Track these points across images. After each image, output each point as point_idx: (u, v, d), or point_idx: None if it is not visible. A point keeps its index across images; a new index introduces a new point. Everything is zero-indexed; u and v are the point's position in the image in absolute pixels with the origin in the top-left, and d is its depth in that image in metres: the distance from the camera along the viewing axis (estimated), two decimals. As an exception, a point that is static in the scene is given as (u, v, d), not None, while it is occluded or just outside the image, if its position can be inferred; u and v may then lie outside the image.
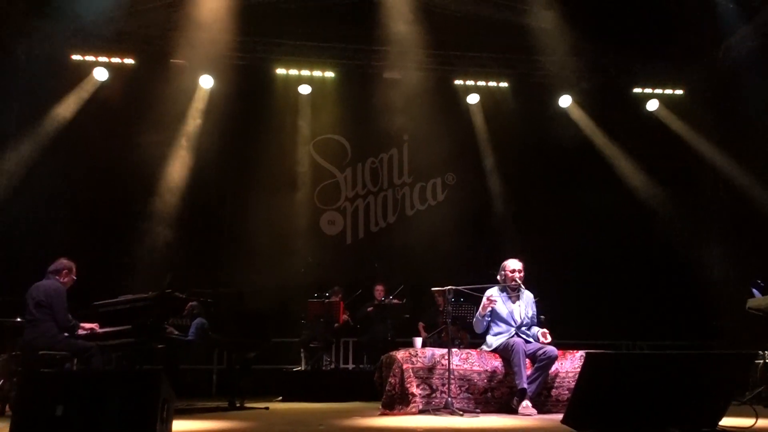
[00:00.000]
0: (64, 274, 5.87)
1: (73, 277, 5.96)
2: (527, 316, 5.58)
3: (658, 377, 3.25)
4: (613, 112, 11.38)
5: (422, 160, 11.21)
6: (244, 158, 10.51)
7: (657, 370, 3.28)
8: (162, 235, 9.63)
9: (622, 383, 3.24)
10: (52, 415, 2.97)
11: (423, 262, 10.22)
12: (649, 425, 3.25)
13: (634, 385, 3.25)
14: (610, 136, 11.24)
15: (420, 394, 5.24)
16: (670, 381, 3.26)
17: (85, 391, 3.07)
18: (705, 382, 3.31)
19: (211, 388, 9.69)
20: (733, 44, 10.55)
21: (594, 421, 3.30)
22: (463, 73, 11.18)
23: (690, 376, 3.28)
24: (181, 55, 10.07)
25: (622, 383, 3.24)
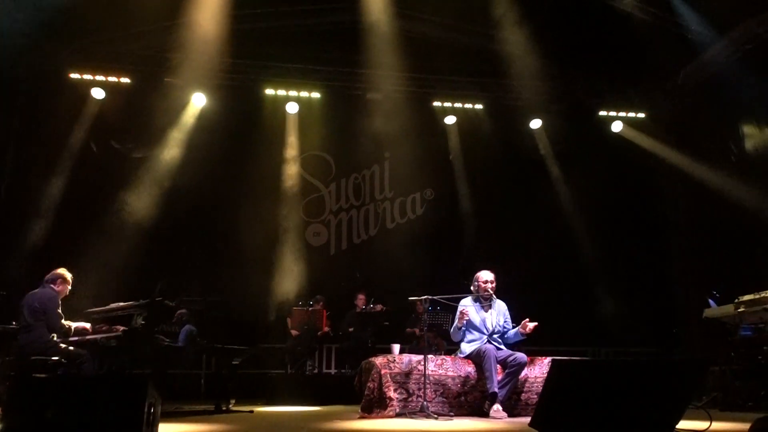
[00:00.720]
0: (58, 283, 5.80)
1: (67, 286, 5.89)
2: (499, 324, 5.60)
3: (619, 383, 3.26)
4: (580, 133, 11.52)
5: (402, 176, 11.23)
6: (235, 173, 10.46)
7: (618, 376, 3.29)
8: (153, 245, 9.53)
9: (586, 388, 3.24)
10: (42, 418, 2.91)
11: (402, 273, 10.22)
12: (610, 428, 3.25)
13: (597, 390, 3.25)
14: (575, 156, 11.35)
15: (397, 398, 5.21)
16: (631, 386, 3.27)
17: (73, 395, 3.01)
18: (663, 387, 3.32)
19: (199, 391, 9.56)
20: (691, 71, 10.73)
21: (559, 425, 3.30)
22: (440, 95, 11.25)
23: (649, 382, 3.29)
24: (176, 75, 10.03)
25: (586, 388, 3.24)
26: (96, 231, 9.50)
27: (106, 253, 9.13)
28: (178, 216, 9.97)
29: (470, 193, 11.32)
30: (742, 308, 6.25)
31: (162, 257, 9.55)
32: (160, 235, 9.70)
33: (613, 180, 11.38)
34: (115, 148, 10.26)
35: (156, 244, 9.60)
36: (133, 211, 9.63)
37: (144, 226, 9.55)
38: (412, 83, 10.77)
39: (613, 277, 10.80)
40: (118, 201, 9.74)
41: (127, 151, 10.21)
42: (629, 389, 3.28)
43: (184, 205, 10.02)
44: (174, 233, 9.87)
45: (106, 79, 10.11)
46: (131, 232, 9.43)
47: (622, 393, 3.27)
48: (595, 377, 3.26)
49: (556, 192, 11.27)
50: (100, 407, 2.98)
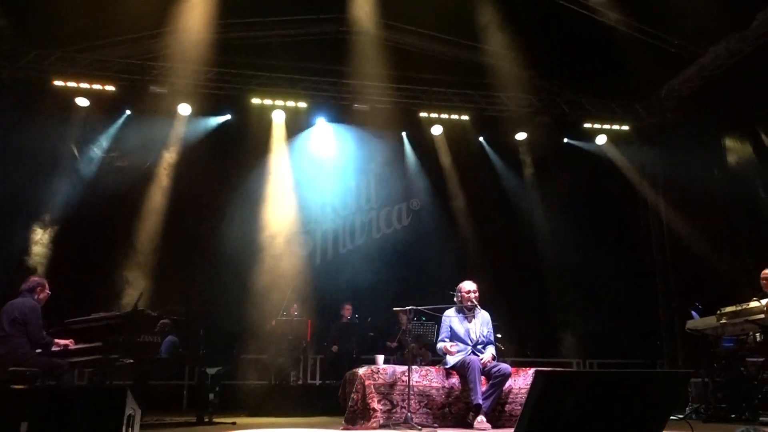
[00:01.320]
0: (38, 291, 5.71)
1: (47, 292, 5.80)
2: (482, 334, 5.60)
3: (601, 394, 3.26)
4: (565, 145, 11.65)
5: (389, 186, 11.24)
6: (220, 181, 10.43)
7: (601, 387, 3.29)
8: (136, 254, 9.45)
9: (569, 399, 3.24)
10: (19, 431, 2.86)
11: (388, 283, 10.23)
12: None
13: (579, 401, 3.25)
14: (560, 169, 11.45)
15: (381, 409, 5.18)
16: (613, 398, 3.27)
17: (50, 407, 2.96)
18: (645, 398, 3.33)
19: (182, 403, 9.46)
20: (674, 85, 10.87)
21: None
22: (427, 106, 11.29)
23: (631, 393, 3.30)
24: (161, 84, 10.00)
25: (569, 399, 3.24)
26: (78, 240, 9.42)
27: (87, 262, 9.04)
28: (163, 225, 9.89)
29: (456, 204, 11.34)
30: (724, 320, 6.30)
31: (145, 267, 9.46)
32: (144, 245, 9.62)
33: (597, 193, 11.50)
34: (99, 155, 10.17)
35: (140, 253, 9.51)
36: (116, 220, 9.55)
37: (127, 235, 9.47)
38: (398, 94, 10.81)
39: (599, 290, 10.85)
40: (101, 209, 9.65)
41: (110, 160, 10.12)
42: (611, 400, 3.28)
43: (168, 214, 9.95)
44: (158, 242, 9.78)
45: (91, 87, 10.03)
46: (113, 241, 9.34)
47: (604, 404, 3.27)
48: (577, 388, 3.26)
49: (542, 204, 11.34)
50: (79, 419, 2.94)
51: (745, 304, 6.11)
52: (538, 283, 11.06)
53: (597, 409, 3.27)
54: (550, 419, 3.28)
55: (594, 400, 3.25)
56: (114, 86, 10.13)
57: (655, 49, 9.68)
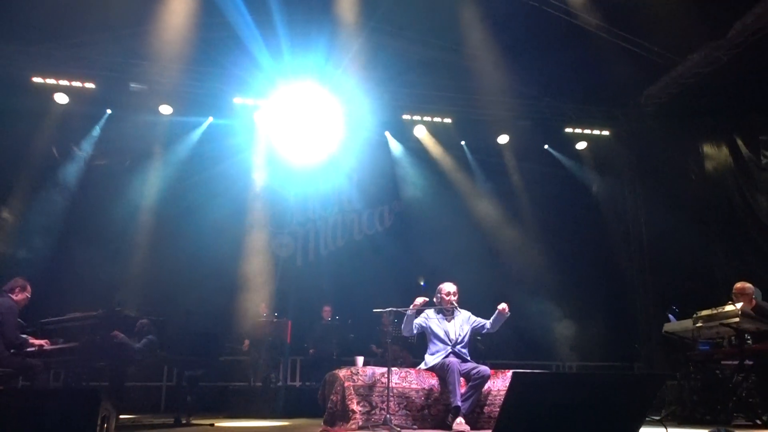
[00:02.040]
0: (17, 292, 5.64)
1: (27, 295, 5.72)
2: (462, 333, 5.61)
3: (578, 396, 3.29)
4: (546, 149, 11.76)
5: (371, 187, 11.23)
6: (200, 180, 10.34)
7: (577, 389, 3.32)
8: (114, 254, 9.34)
9: (546, 401, 3.27)
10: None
11: (369, 284, 10.21)
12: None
13: (557, 403, 3.27)
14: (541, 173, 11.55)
15: (360, 411, 5.16)
16: (590, 399, 3.30)
17: (23, 408, 2.91)
18: (621, 400, 3.37)
19: (160, 404, 9.36)
20: (653, 92, 11.01)
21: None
22: (410, 108, 11.30)
23: (607, 395, 3.33)
24: (142, 82, 9.90)
25: (546, 401, 3.27)
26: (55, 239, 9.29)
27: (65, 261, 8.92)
28: (141, 225, 9.79)
29: (439, 205, 11.36)
30: (700, 323, 6.37)
31: (124, 267, 9.36)
32: (122, 244, 9.51)
33: (576, 197, 11.63)
34: (77, 154, 10.04)
35: (118, 253, 9.41)
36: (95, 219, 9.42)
37: (105, 234, 9.35)
38: (381, 96, 10.80)
39: (577, 293, 10.95)
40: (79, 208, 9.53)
41: (89, 159, 10.00)
42: (588, 402, 3.32)
43: (147, 214, 9.85)
44: (137, 242, 9.68)
45: (70, 84, 9.90)
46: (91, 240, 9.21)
47: (580, 406, 3.30)
48: (554, 390, 3.29)
49: (523, 207, 11.41)
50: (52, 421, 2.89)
51: (720, 308, 6.19)
52: (517, 286, 11.11)
53: (574, 411, 3.30)
54: (527, 420, 3.31)
55: (571, 401, 3.28)
56: (94, 84, 10.02)
57: (635, 56, 9.79)
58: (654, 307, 10.76)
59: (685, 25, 8.67)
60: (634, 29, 9.43)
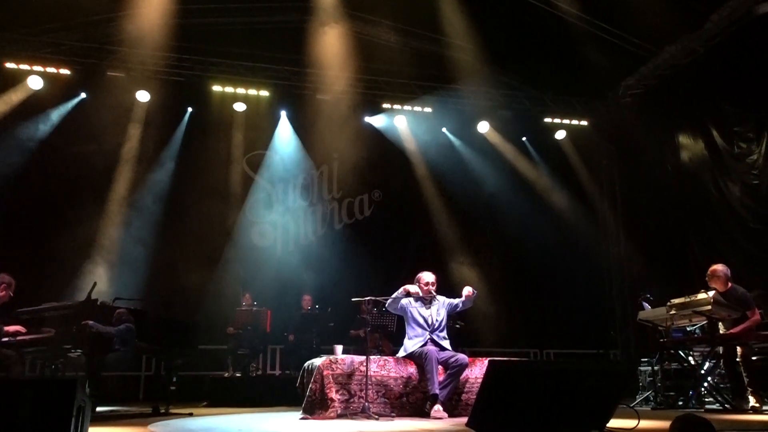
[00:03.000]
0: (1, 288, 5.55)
1: (10, 293, 5.64)
2: (439, 318, 5.67)
3: (552, 384, 3.34)
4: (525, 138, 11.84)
5: (351, 177, 11.22)
6: (179, 171, 10.25)
7: (551, 377, 3.37)
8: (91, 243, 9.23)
9: (521, 389, 3.31)
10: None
11: (349, 274, 10.24)
12: (544, 428, 3.33)
13: (531, 390, 3.32)
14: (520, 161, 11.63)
15: (339, 399, 5.18)
16: (563, 388, 3.35)
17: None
18: (594, 388, 3.42)
19: (138, 394, 9.32)
20: (631, 83, 11.12)
21: (495, 425, 3.35)
22: (390, 97, 11.29)
23: (580, 384, 3.38)
24: (118, 69, 9.76)
25: (521, 389, 3.31)
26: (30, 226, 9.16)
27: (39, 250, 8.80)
28: (118, 214, 9.67)
29: (419, 196, 11.39)
30: (673, 311, 6.48)
31: (101, 256, 9.26)
32: (99, 233, 9.40)
33: (554, 185, 11.73)
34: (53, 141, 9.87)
35: (95, 242, 9.30)
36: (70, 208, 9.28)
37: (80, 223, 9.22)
38: (361, 85, 10.78)
39: (555, 282, 11.08)
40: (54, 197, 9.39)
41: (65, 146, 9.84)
42: (562, 390, 3.37)
43: (124, 203, 9.74)
44: (114, 231, 9.57)
45: (45, 70, 9.73)
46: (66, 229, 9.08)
47: (555, 393, 3.35)
48: (529, 378, 3.33)
49: (501, 196, 11.48)
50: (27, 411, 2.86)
51: (693, 296, 6.30)
52: (496, 273, 11.23)
53: (548, 398, 3.35)
54: (502, 407, 3.35)
55: (545, 389, 3.33)
56: (70, 70, 9.85)
57: (614, 47, 9.87)
58: (630, 295, 10.93)
59: (662, 16, 8.74)
60: (612, 20, 9.50)
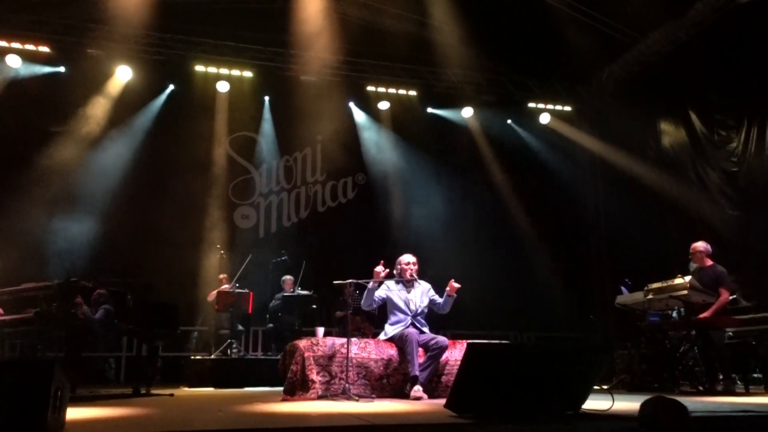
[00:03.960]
0: None
1: None
2: (422, 304, 5.70)
3: (529, 367, 3.39)
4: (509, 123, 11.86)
5: (334, 159, 11.19)
6: (161, 151, 10.13)
7: (528, 360, 3.42)
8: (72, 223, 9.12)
9: (498, 371, 3.35)
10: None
11: (332, 256, 10.27)
12: (520, 409, 3.38)
13: (509, 373, 3.36)
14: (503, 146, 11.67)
15: (320, 380, 5.21)
16: (540, 370, 3.40)
17: (-27, 380, 2.85)
18: (570, 371, 3.47)
19: (119, 375, 9.29)
20: (615, 69, 11.16)
21: (473, 406, 3.40)
22: (374, 80, 11.24)
23: (557, 366, 3.44)
24: (99, 47, 9.60)
25: (498, 371, 3.35)
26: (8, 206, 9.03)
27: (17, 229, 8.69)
28: (99, 194, 9.56)
29: (402, 179, 11.39)
30: (650, 296, 6.59)
31: (80, 237, 9.17)
32: (78, 214, 9.29)
33: (536, 171, 11.81)
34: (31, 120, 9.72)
35: (74, 223, 9.19)
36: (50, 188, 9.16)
37: (61, 203, 9.11)
38: (347, 67, 10.72)
39: (536, 265, 11.17)
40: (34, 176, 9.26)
41: (43, 125, 9.70)
42: (539, 373, 3.42)
43: (105, 183, 9.62)
44: (92, 213, 9.46)
45: (23, 47, 9.54)
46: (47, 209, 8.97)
47: (532, 375, 3.40)
48: (506, 360, 3.38)
49: (484, 180, 11.55)
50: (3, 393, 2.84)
51: (670, 281, 6.40)
52: (478, 257, 11.30)
53: (525, 380, 3.40)
54: (480, 389, 3.40)
55: (522, 371, 3.38)
56: (48, 47, 9.67)
57: (598, 33, 9.90)
58: (610, 279, 11.06)
59: (647, 3, 8.77)
60: (597, 6, 9.51)
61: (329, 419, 3.58)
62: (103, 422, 3.56)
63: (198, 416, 4.02)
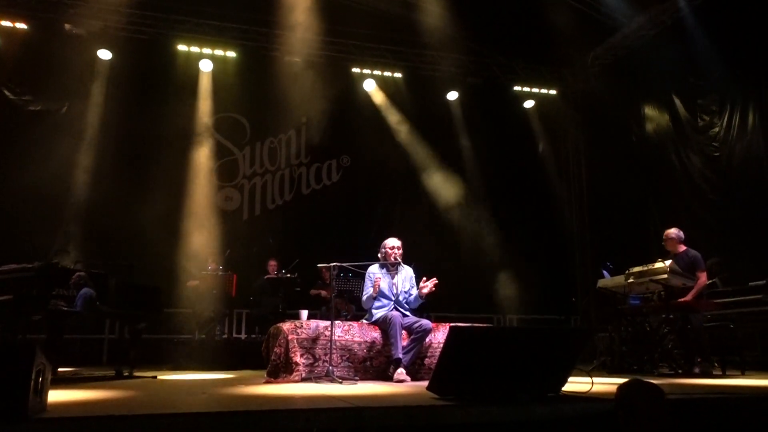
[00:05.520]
0: None
1: None
2: (405, 290, 5.74)
3: (510, 349, 3.44)
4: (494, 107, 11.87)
5: (319, 141, 11.14)
6: (142, 132, 9.99)
7: (509, 342, 3.47)
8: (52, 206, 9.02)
9: (480, 354, 3.40)
10: None
11: (315, 239, 10.27)
12: (502, 391, 3.43)
13: (490, 355, 3.42)
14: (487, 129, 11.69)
15: (303, 363, 5.25)
16: (521, 353, 3.46)
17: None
18: (550, 353, 3.54)
19: (102, 357, 9.26)
20: (600, 53, 11.20)
21: (455, 388, 3.45)
22: (360, 61, 11.17)
23: (537, 349, 3.49)
24: (78, 24, 9.43)
25: (480, 354, 3.40)
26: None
27: None
28: (79, 175, 9.44)
29: (387, 162, 11.37)
30: (631, 279, 6.69)
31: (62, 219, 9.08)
32: (58, 196, 9.18)
33: (520, 154, 11.87)
34: (9, 99, 9.56)
35: (53, 204, 9.10)
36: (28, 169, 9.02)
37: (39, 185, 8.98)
38: (331, 47, 10.64)
39: (519, 249, 11.25)
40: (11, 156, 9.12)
41: (22, 104, 9.54)
42: (520, 355, 3.47)
43: (84, 163, 9.50)
44: (75, 193, 9.35)
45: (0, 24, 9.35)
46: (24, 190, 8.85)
47: (513, 359, 3.46)
48: (488, 343, 3.42)
49: (469, 164, 11.58)
50: (-16, 375, 2.83)
51: (650, 265, 6.50)
52: (461, 240, 11.38)
53: (506, 362, 3.45)
54: (462, 371, 3.45)
55: (503, 353, 3.43)
56: (26, 24, 9.48)
57: (584, 16, 9.90)
58: (592, 263, 11.20)
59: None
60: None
61: (313, 401, 3.62)
62: (86, 404, 3.56)
63: (182, 398, 4.03)
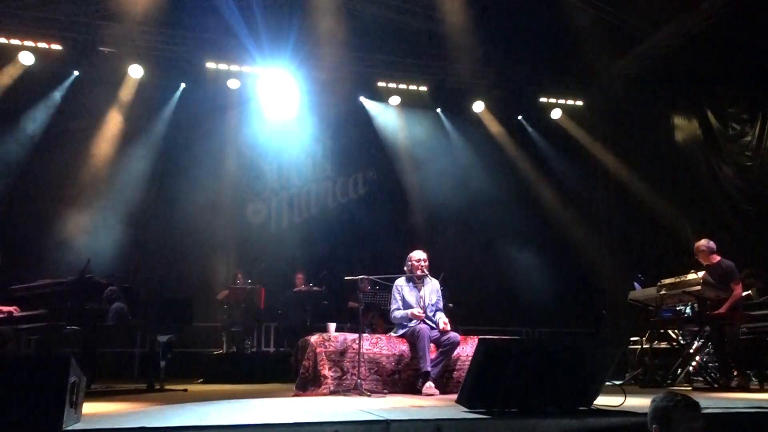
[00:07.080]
0: None
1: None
2: (431, 302, 5.71)
3: (539, 362, 3.39)
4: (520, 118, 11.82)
5: (345, 156, 11.19)
6: (172, 147, 10.18)
7: (538, 355, 3.42)
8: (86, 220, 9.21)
9: (509, 366, 3.36)
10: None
11: (343, 252, 10.30)
12: (532, 404, 3.38)
13: (520, 368, 3.37)
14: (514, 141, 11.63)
15: (332, 376, 5.24)
16: (551, 365, 3.41)
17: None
18: (581, 366, 3.47)
19: (133, 370, 9.38)
20: (627, 63, 11.07)
21: (484, 401, 3.41)
22: (385, 76, 11.22)
23: (567, 361, 3.44)
24: (111, 44, 9.66)
25: (509, 366, 3.36)
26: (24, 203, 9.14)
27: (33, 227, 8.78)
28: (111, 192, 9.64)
29: (413, 176, 11.37)
30: (663, 291, 6.57)
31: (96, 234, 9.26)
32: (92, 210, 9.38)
33: (550, 168, 11.76)
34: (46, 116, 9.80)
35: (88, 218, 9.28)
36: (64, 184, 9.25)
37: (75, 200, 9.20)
38: (357, 62, 10.71)
39: (549, 262, 11.13)
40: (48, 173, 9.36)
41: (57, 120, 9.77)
42: (551, 368, 3.42)
43: (117, 179, 9.71)
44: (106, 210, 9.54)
45: (36, 45, 9.61)
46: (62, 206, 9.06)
47: (543, 371, 3.40)
48: (518, 355, 3.38)
49: (497, 176, 11.50)
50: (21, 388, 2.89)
51: (682, 276, 6.38)
52: (489, 254, 11.29)
53: (537, 375, 3.40)
54: (491, 384, 3.41)
55: (534, 366, 3.38)
56: (61, 45, 9.74)
57: (610, 27, 9.82)
58: (623, 275, 11.01)
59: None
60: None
61: (342, 414, 3.60)
62: (119, 416, 3.60)
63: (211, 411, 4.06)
